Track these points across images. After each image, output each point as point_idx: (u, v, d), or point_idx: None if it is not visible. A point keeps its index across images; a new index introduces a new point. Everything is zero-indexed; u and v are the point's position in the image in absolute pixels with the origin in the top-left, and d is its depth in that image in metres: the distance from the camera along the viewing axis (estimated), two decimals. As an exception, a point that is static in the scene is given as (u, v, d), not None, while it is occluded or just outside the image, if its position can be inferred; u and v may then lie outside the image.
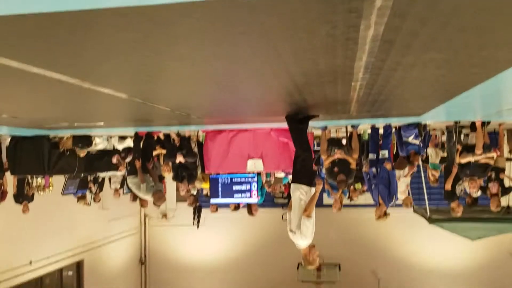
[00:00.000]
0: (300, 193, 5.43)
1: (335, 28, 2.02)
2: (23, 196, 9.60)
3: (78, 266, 13.81)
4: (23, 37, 2.10)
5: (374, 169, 7.63)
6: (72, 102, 4.27)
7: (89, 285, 13.91)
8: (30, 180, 9.96)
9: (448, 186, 7.91)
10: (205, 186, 9.20)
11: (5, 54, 2.37)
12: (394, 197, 7.72)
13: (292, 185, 5.59)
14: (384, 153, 7.58)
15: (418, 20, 1.93)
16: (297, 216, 5.37)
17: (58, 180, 10.40)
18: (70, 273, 13.74)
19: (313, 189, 5.54)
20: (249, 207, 9.20)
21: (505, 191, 8.00)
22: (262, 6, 1.72)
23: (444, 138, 8.87)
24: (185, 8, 1.71)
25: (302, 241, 5.37)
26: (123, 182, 10.90)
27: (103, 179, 11.34)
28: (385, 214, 7.64)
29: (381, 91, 3.73)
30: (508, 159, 9.47)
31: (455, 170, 7.77)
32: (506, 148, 9.92)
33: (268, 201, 12.24)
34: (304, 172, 5.63)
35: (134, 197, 9.44)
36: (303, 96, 3.90)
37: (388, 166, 7.52)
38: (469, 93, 3.92)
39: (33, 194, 9.91)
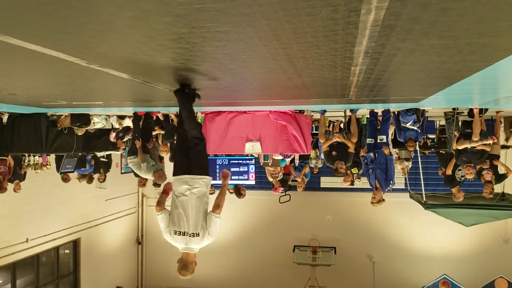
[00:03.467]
0: (199, 188, 4.50)
1: (336, 12, 2.02)
2: (15, 175, 9.58)
3: (75, 245, 13.90)
4: (22, 14, 2.10)
5: (372, 154, 7.67)
6: (71, 80, 4.27)
7: (85, 263, 14.01)
8: (27, 159, 9.97)
9: (449, 171, 8.01)
10: None
11: (4, 31, 2.37)
12: (391, 182, 7.78)
13: (188, 177, 4.54)
14: (382, 138, 7.60)
15: (419, 5, 1.94)
16: (197, 215, 4.43)
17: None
18: (67, 251, 13.84)
19: (209, 181, 4.66)
20: (236, 188, 9.27)
21: (498, 178, 8.07)
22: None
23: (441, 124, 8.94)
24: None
25: (203, 244, 4.51)
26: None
27: (110, 159, 11.35)
28: (381, 199, 7.71)
29: (380, 76, 3.74)
30: (503, 147, 9.52)
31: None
32: (502, 136, 9.97)
33: (266, 184, 12.29)
34: (204, 158, 4.87)
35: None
36: (303, 79, 3.90)
37: (386, 151, 7.56)
38: (468, 80, 3.93)
39: (25, 173, 9.88)
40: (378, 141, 7.67)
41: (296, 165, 9.85)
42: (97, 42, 2.65)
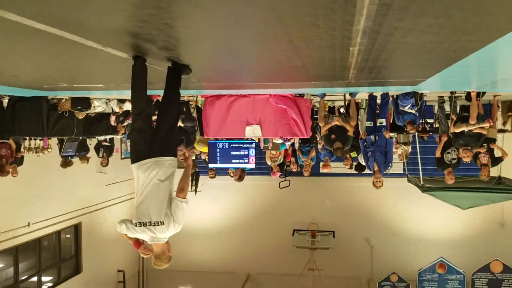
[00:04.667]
0: (166, 170, 4.03)
1: (334, -10, 2.08)
2: (13, 159, 9.64)
3: (76, 229, 14.03)
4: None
5: (372, 137, 7.75)
6: (74, 61, 4.32)
7: (86, 248, 14.16)
8: (28, 143, 10.02)
9: (437, 154, 8.09)
10: (205, 150, 9.29)
11: (8, 8, 2.38)
12: (390, 165, 7.89)
13: (150, 161, 4.00)
14: (382, 121, 7.68)
15: (415, -17, 1.99)
16: (161, 202, 4.00)
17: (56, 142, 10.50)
18: (68, 235, 13.97)
19: (174, 161, 4.17)
20: (241, 172, 9.36)
21: (494, 161, 8.16)
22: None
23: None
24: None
25: (170, 233, 4.10)
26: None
27: (113, 143, 11.40)
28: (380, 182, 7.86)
29: (378, 57, 3.79)
30: (500, 131, 9.59)
31: (444, 138, 7.97)
32: (500, 120, 10.04)
33: (265, 169, 12.37)
34: (174, 139, 4.43)
35: None
36: (303, 60, 3.95)
37: (387, 135, 7.65)
38: (465, 62, 3.98)
39: (22, 157, 9.91)
40: (378, 124, 7.74)
41: (300, 149, 9.81)
42: (101, 20, 2.70)
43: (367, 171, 9.41)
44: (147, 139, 4.06)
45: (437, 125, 9.27)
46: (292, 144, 9.31)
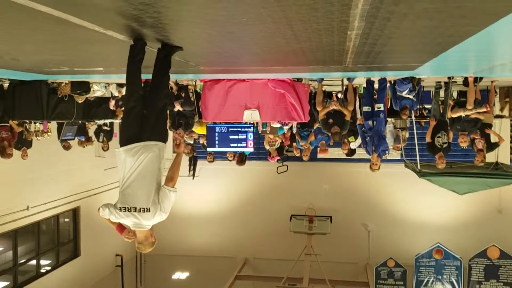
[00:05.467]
0: (155, 155, 3.92)
1: (332, -27, 2.12)
2: (22, 142, 9.72)
3: (74, 213, 14.13)
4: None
5: (370, 122, 7.81)
6: (74, 45, 4.35)
7: (85, 232, 14.25)
8: (27, 126, 10.06)
9: (428, 138, 8.15)
10: (201, 131, 9.34)
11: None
12: (387, 151, 7.97)
13: (138, 145, 3.89)
14: (380, 106, 7.73)
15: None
16: (149, 188, 3.85)
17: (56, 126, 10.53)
18: (67, 220, 14.07)
19: (163, 146, 4.06)
20: (240, 156, 9.44)
21: (490, 146, 8.22)
22: None
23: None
24: None
25: (155, 220, 3.95)
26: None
27: (113, 127, 11.44)
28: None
29: (375, 41, 3.84)
30: (497, 116, 9.64)
31: (432, 122, 8.04)
32: (497, 106, 10.09)
33: (264, 153, 12.43)
34: (163, 123, 4.30)
35: None
36: (301, 44, 3.99)
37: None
38: (462, 47, 4.03)
39: (31, 140, 10.03)
40: (376, 109, 7.79)
41: (298, 133, 9.81)
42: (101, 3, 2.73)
43: (364, 156, 9.50)
44: (138, 123, 3.99)
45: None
46: (291, 128, 9.35)
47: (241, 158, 9.51)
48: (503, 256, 12.88)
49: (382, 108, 7.72)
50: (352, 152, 9.13)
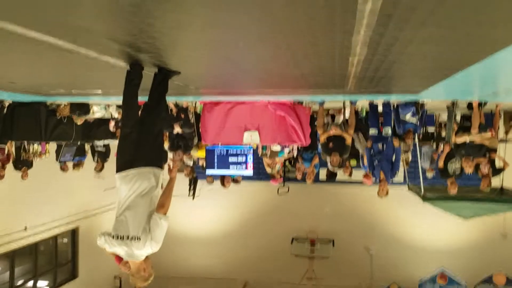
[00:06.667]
0: (150, 182, 3.81)
1: (333, 0, 2.02)
2: (22, 162, 9.64)
3: (73, 234, 13.97)
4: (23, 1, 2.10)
5: (380, 145, 7.70)
6: (70, 68, 4.27)
7: (83, 253, 14.05)
8: (26, 147, 9.98)
9: (440, 164, 8.03)
10: (201, 155, 9.25)
11: (3, 17, 2.36)
12: (396, 173, 7.84)
13: (133, 172, 3.80)
14: (387, 130, 7.63)
15: (416, -7, 1.93)
16: (141, 216, 3.71)
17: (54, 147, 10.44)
18: (65, 240, 13.90)
19: (158, 172, 3.94)
20: (222, 178, 9.29)
21: (495, 171, 8.09)
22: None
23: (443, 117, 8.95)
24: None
25: (147, 251, 3.75)
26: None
27: (108, 148, 11.31)
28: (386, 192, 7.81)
29: (378, 67, 3.74)
30: (502, 140, 9.52)
31: (447, 148, 7.91)
32: (502, 129, 9.96)
33: (264, 174, 12.30)
34: (159, 148, 4.21)
35: None
36: (301, 68, 3.90)
37: (396, 143, 7.60)
38: (467, 72, 3.92)
39: (32, 160, 9.95)
40: (383, 134, 7.70)
41: (301, 156, 9.64)
42: (97, 29, 2.65)
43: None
44: (134, 148, 3.88)
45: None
46: (291, 151, 9.23)
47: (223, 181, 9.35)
48: (510, 283, 12.64)
49: (389, 133, 7.62)
50: (332, 175, 8.93)
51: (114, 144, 11.80)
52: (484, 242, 14.53)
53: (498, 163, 8.22)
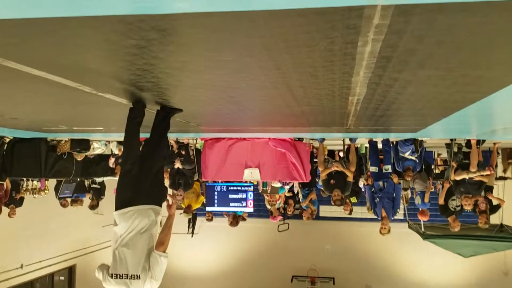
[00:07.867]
0: (149, 220, 3.80)
1: (333, 43, 2.07)
2: (11, 200, 9.56)
3: (70, 271, 13.77)
4: (25, 40, 2.14)
5: (380, 183, 7.71)
6: (72, 106, 4.31)
7: (80, 290, 13.85)
8: (25, 184, 9.95)
9: (440, 201, 8.01)
10: (198, 206, 9.18)
11: (5, 56, 2.40)
12: (398, 210, 7.83)
13: (132, 209, 3.78)
14: (388, 167, 7.66)
15: (415, 37, 1.98)
16: (140, 254, 3.69)
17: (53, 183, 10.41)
18: (62, 278, 13.70)
19: (157, 210, 3.93)
20: (234, 217, 9.18)
21: (492, 209, 8.07)
22: (262, 19, 1.77)
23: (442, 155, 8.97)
24: (188, 18, 1.76)
25: None
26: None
27: (103, 185, 11.25)
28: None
29: (378, 106, 3.79)
30: (501, 178, 9.52)
31: (446, 185, 7.90)
32: (500, 167, 9.98)
33: (264, 211, 12.24)
34: (159, 186, 4.18)
35: None
36: (302, 107, 3.94)
37: (395, 179, 7.62)
38: (465, 111, 3.97)
39: (22, 198, 9.85)
40: (384, 171, 7.72)
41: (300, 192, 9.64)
42: (101, 68, 2.69)
43: (366, 215, 9.29)
44: (133, 185, 3.87)
45: (437, 171, 9.22)
46: (292, 188, 9.22)
47: (232, 221, 9.24)
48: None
49: (390, 170, 7.65)
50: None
51: (111, 180, 11.78)
52: (486, 280, 14.33)
53: (495, 201, 8.21)
